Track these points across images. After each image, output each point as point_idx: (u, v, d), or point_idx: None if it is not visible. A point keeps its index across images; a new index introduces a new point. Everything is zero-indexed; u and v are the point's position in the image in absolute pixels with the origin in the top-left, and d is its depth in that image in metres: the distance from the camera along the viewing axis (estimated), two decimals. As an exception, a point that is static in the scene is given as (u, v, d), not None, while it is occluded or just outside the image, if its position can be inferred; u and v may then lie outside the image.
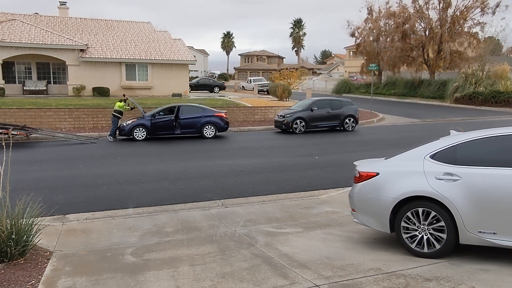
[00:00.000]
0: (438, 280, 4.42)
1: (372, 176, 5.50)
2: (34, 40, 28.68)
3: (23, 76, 30.64)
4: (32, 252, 5.35)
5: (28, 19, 32.86)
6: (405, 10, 39.32)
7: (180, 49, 34.02)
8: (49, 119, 19.69)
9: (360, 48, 44.42)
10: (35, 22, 32.38)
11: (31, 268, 4.97)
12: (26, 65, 30.59)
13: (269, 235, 6.30)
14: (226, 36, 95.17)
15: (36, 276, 4.78)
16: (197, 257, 5.40)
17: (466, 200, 4.80)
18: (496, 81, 32.85)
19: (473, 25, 37.29)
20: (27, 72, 30.76)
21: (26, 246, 5.16)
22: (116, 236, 6.38)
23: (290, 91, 31.59)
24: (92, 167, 11.96)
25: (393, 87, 42.64)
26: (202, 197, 8.80)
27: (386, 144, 15.35)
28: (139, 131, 17.30)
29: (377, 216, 5.41)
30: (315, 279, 4.56)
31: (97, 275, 4.85)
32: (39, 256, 5.34)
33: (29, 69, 30.79)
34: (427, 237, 5.08)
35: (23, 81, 30.24)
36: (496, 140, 5.02)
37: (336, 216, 7.31)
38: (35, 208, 5.46)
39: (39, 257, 5.32)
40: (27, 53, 28.72)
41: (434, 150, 5.24)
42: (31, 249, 5.33)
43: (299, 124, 19.35)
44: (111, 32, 34.67)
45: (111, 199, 8.64)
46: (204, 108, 18.69)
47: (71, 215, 7.55)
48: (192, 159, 13.36)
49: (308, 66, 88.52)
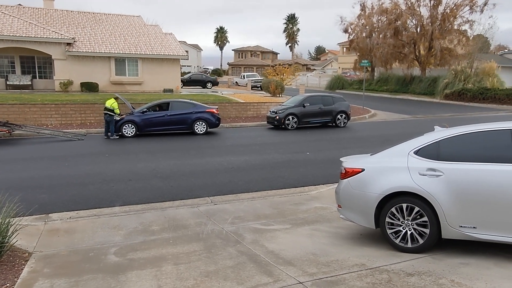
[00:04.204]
0: (420, 274, 4.44)
1: (358, 172, 5.49)
2: (17, 32, 27.68)
3: (6, 70, 29.66)
4: (9, 253, 5.19)
5: (11, 11, 31.68)
6: (397, 6, 39.49)
7: (171, 44, 33.72)
8: (34, 115, 19.30)
9: (353, 44, 44.52)
10: (18, 14, 31.32)
11: (7, 271, 4.83)
12: (9, 58, 29.63)
13: (256, 232, 6.27)
14: (220, 31, 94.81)
15: (11, 279, 4.65)
16: (182, 255, 5.35)
17: (448, 196, 4.84)
18: (484, 78, 33.46)
19: (463, 22, 37.76)
20: (10, 66, 29.80)
21: (2, 247, 4.98)
22: (100, 235, 6.30)
23: (283, 87, 31.57)
24: (78, 165, 11.81)
25: (385, 84, 42.83)
26: (191, 194, 8.74)
27: (377, 140, 15.38)
28: (128, 128, 17.14)
29: (363, 212, 5.41)
30: (299, 276, 4.54)
31: (77, 276, 4.76)
32: (16, 258, 5.20)
33: (12, 63, 29.83)
34: (411, 232, 5.10)
35: (5, 76, 29.23)
36: (477, 136, 5.05)
37: (325, 212, 7.30)
38: (12, 208, 5.29)
39: (16, 259, 5.18)
40: (9, 46, 27.64)
41: (418, 146, 5.24)
42: (8, 251, 5.16)
43: (291, 120, 19.33)
44: (99, 25, 34.07)
45: (97, 197, 8.53)
46: (195, 104, 18.57)
47: (54, 214, 7.42)
48: (182, 156, 13.27)
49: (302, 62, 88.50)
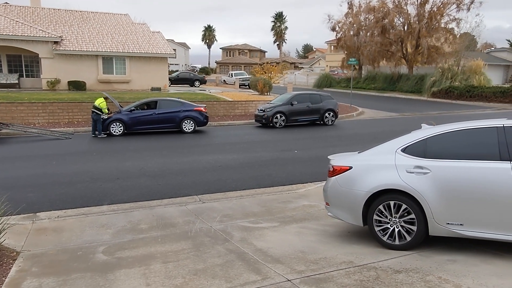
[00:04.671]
0: (407, 271, 4.49)
1: (345, 170, 5.52)
2: (3, 31, 27.48)
3: (-7, 69, 29.43)
4: (-4, 252, 5.17)
5: (-2, 9, 31.62)
6: (384, 5, 39.75)
7: (159, 42, 33.52)
8: (21, 114, 19.07)
9: (341, 42, 44.71)
10: (5, 12, 31.01)
11: (-5, 270, 4.81)
12: (-4, 57, 29.46)
13: (245, 230, 6.28)
14: (207, 29, 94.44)
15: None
16: (170, 254, 5.34)
17: (435, 193, 4.89)
18: (471, 76, 33.83)
19: (449, 21, 38.15)
20: (-4, 65, 29.60)
21: (-10, 246, 4.97)
22: (89, 234, 6.26)
23: (271, 85, 31.58)
24: (66, 164, 11.70)
25: (373, 82, 43.13)
26: (179, 193, 8.71)
27: (365, 138, 15.51)
28: (116, 126, 16.99)
29: (350, 209, 5.45)
30: (288, 274, 4.57)
31: (65, 275, 4.73)
32: (4, 257, 5.16)
33: (-1, 62, 29.63)
34: (399, 229, 5.15)
35: (-8, 74, 28.98)
36: (463, 134, 5.10)
37: (313, 210, 7.34)
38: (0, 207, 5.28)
39: (4, 258, 5.14)
40: None
41: (405, 144, 5.29)
42: (-5, 250, 5.15)
43: (279, 119, 19.36)
44: (86, 24, 33.77)
45: (85, 196, 8.46)
46: (183, 103, 18.48)
47: (42, 213, 7.35)
48: (171, 154, 13.22)
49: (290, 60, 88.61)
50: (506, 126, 4.85)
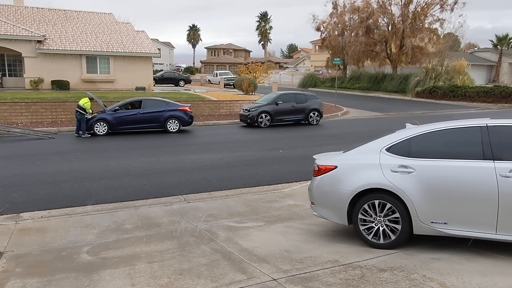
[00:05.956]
0: (392, 270, 4.54)
1: (331, 169, 5.56)
2: (-14, 30, 27.23)
3: (-25, 68, 29.04)
4: (-21, 253, 5.10)
5: (-20, 8, 31.15)
6: (368, 5, 40.10)
7: (143, 42, 33.25)
8: (4, 113, 18.80)
9: (326, 42, 44.99)
10: (-12, 11, 30.74)
11: (-23, 271, 4.74)
12: (-22, 56, 29.07)
13: (230, 230, 6.28)
14: (192, 29, 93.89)
15: (-17, 279, 4.56)
16: (155, 254, 5.31)
17: (420, 192, 4.94)
18: (454, 76, 34.26)
19: (433, 21, 38.66)
20: (-21, 65, 29.24)
21: (-28, 247, 4.91)
22: (73, 234, 6.18)
23: (256, 85, 31.60)
24: (50, 164, 11.53)
25: (358, 81, 43.50)
26: (164, 192, 8.67)
27: (350, 138, 15.64)
28: (100, 126, 16.81)
29: (335, 209, 5.48)
30: (273, 273, 4.58)
31: (49, 276, 4.67)
32: (-13, 258, 5.10)
33: (-19, 61, 29.25)
34: (383, 228, 5.20)
35: (-25, 74, 28.65)
36: (447, 133, 5.17)
37: (298, 209, 7.37)
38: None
39: (-14, 259, 5.08)
40: None
41: (390, 143, 5.35)
42: (-22, 251, 5.08)
43: (264, 118, 19.40)
44: (70, 23, 33.34)
45: (69, 196, 8.36)
46: (167, 102, 18.38)
47: (25, 213, 7.25)
48: (155, 154, 13.13)
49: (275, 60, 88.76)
50: (489, 125, 4.93)
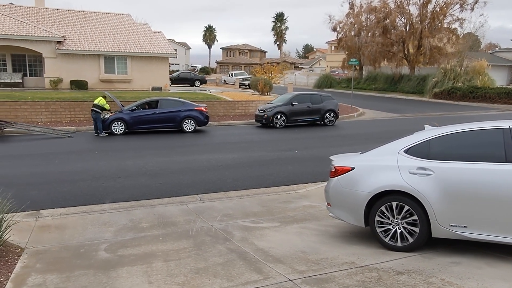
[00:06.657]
0: (410, 273, 4.48)
1: (347, 170, 5.52)
2: (8, 31, 27.83)
3: (-3, 68, 29.74)
4: (2, 248, 5.20)
5: (2, 9, 31.82)
6: (386, 5, 39.65)
7: (160, 42, 33.56)
8: (24, 112, 19.18)
9: (342, 42, 44.64)
10: (10, 13, 31.38)
11: (1, 266, 4.85)
12: (1, 57, 29.72)
13: (245, 229, 6.28)
14: (208, 29, 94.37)
15: (5, 273, 4.67)
16: (171, 252, 5.35)
17: (439, 194, 4.86)
18: (474, 76, 33.52)
19: (453, 21, 37.94)
20: (1, 64, 29.89)
21: (-3, 242, 5.01)
22: (91, 231, 6.28)
23: (271, 85, 31.58)
24: (68, 162, 11.72)
25: (374, 82, 43.07)
26: (180, 192, 8.72)
27: (366, 139, 15.50)
28: (117, 125, 17.02)
29: (352, 210, 5.44)
30: (289, 274, 4.57)
31: (68, 272, 4.75)
32: (9, 253, 5.21)
33: (3, 61, 29.91)
34: (401, 231, 5.13)
35: (-3, 74, 29.31)
36: (468, 135, 5.07)
37: (314, 210, 7.34)
38: (5, 204, 5.32)
39: (9, 254, 5.18)
40: (1, 45, 27.90)
41: (408, 145, 5.28)
42: (1, 246, 5.18)
43: (280, 119, 19.36)
44: (89, 23, 33.90)
45: (87, 194, 8.49)
46: (184, 102, 18.50)
47: (45, 210, 7.39)
48: (171, 153, 13.23)
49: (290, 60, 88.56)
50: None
